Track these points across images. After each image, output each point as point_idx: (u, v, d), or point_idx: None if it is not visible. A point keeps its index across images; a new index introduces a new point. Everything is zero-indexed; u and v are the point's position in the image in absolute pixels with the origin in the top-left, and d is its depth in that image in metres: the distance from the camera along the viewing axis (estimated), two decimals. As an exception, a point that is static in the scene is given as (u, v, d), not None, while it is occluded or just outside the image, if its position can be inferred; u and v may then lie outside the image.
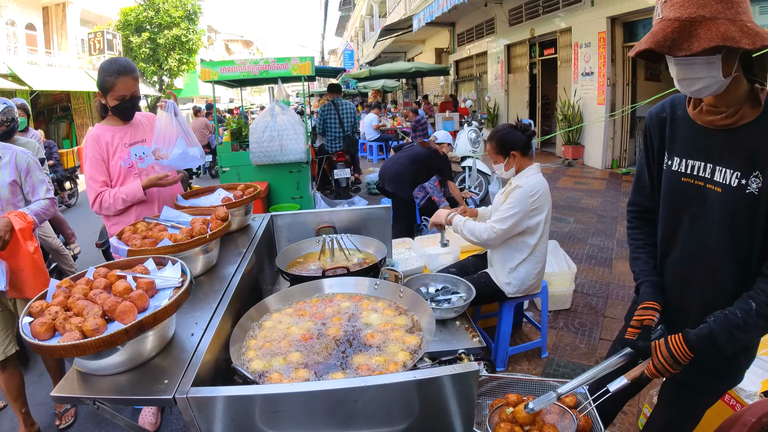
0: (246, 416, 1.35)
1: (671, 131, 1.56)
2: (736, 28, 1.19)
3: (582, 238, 5.95)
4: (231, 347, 1.59)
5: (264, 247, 2.44)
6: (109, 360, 1.36)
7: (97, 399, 1.33)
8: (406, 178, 5.06)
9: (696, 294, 1.56)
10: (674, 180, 1.54)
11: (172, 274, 1.68)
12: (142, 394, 1.34)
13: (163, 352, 1.50)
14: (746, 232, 1.40)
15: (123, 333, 1.30)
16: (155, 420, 2.84)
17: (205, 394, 1.31)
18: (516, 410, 1.65)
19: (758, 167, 1.33)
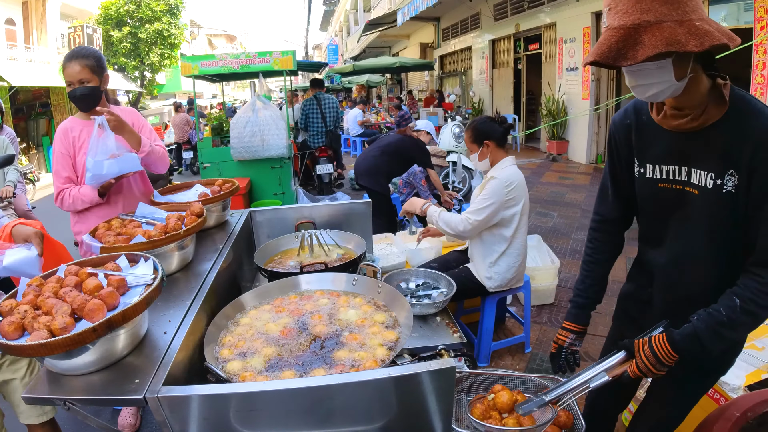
0: (220, 416, 1.31)
1: (638, 138, 1.51)
2: (684, 29, 1.14)
3: (566, 232, 5.96)
4: (205, 345, 1.55)
5: (242, 243, 2.40)
6: (79, 359, 1.32)
7: (68, 399, 1.28)
8: (380, 171, 4.99)
9: (684, 295, 1.53)
10: (651, 187, 1.50)
11: (144, 271, 1.63)
12: (114, 394, 1.29)
13: (136, 351, 1.46)
14: (729, 230, 1.37)
15: (91, 331, 1.25)
16: (134, 421, 2.79)
17: (177, 393, 1.27)
18: (497, 396, 1.63)
19: (732, 165, 1.30)
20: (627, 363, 1.43)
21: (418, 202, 2.91)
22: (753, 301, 1.28)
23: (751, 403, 1.49)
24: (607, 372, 1.44)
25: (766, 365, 2.01)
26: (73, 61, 2.36)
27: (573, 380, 1.52)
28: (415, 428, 1.39)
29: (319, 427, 1.31)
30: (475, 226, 2.73)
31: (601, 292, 1.78)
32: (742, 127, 1.28)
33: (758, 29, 6.24)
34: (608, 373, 1.44)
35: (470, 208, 2.76)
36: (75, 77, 2.37)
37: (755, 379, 1.96)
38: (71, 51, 2.42)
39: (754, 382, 1.94)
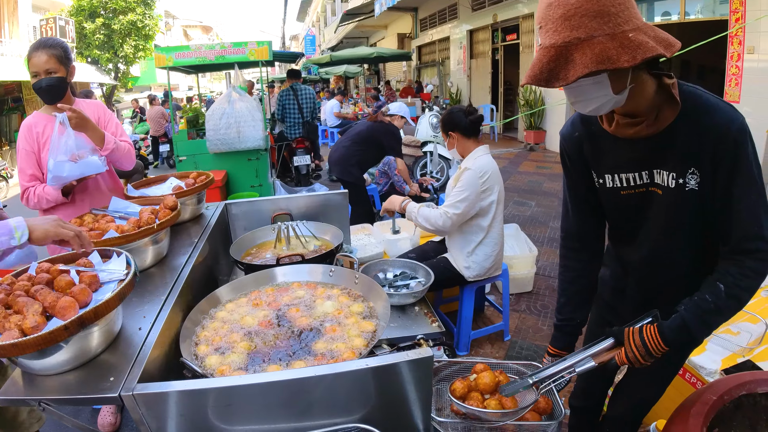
0: (197, 411, 1.30)
1: (592, 150, 1.47)
2: (615, 44, 1.09)
3: (544, 221, 6.03)
4: (181, 341, 1.53)
5: (218, 236, 2.37)
6: (53, 359, 1.29)
7: (43, 400, 1.25)
8: (351, 161, 4.96)
9: (657, 287, 1.55)
10: (614, 195, 1.47)
11: (117, 266, 1.61)
12: (89, 393, 1.27)
13: (110, 348, 1.43)
14: (695, 225, 1.38)
15: (63, 330, 1.23)
16: (114, 420, 2.74)
17: (153, 390, 1.25)
18: (479, 376, 1.64)
19: (693, 164, 1.29)
20: (615, 350, 1.43)
21: (397, 199, 2.87)
22: (736, 285, 1.29)
23: (728, 386, 1.51)
24: (594, 357, 1.44)
25: (741, 349, 2.06)
26: (40, 50, 2.28)
27: (558, 364, 1.51)
28: (395, 418, 1.40)
29: (298, 419, 1.31)
30: (454, 221, 2.73)
31: (579, 311, 1.71)
32: (698, 124, 1.26)
33: (733, 21, 6.34)
34: (594, 358, 1.44)
35: (447, 201, 2.77)
36: (41, 67, 2.29)
37: (731, 363, 2.01)
38: (37, 41, 2.34)
39: (730, 366, 1.99)
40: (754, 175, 1.25)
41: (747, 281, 1.29)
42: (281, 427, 1.30)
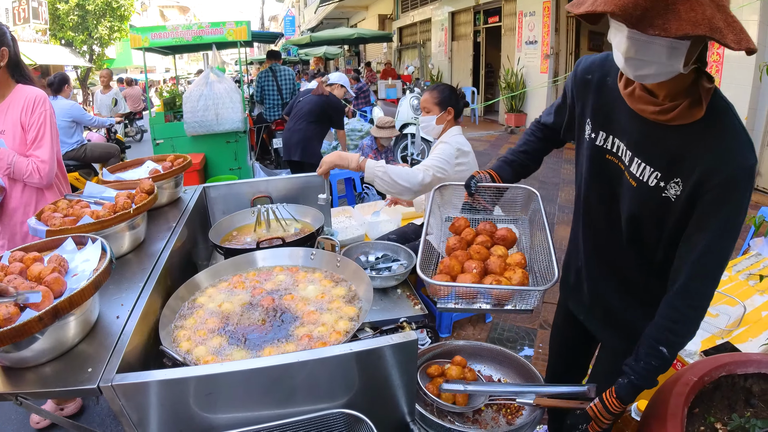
0: (179, 401, 1.27)
1: (597, 100, 1.37)
2: (723, 17, 0.95)
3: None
4: (160, 329, 1.50)
5: (197, 220, 2.33)
6: (29, 351, 1.25)
7: (20, 394, 1.21)
8: (312, 141, 4.92)
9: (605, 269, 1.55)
10: (598, 154, 1.39)
11: (92, 253, 1.56)
12: (66, 385, 1.24)
13: (88, 338, 1.40)
14: (654, 232, 1.32)
15: (37, 321, 1.18)
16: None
17: (132, 380, 1.23)
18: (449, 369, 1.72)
19: (681, 175, 1.18)
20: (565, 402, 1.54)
21: (349, 156, 2.26)
22: (674, 343, 1.27)
23: (708, 368, 1.54)
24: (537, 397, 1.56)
25: (720, 331, 2.10)
26: None
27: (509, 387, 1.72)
28: (380, 403, 1.40)
29: (282, 406, 1.29)
30: (437, 175, 2.37)
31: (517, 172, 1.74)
32: (710, 142, 1.13)
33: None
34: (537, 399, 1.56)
35: (425, 162, 2.53)
36: None
37: (710, 344, 2.04)
38: None
39: (709, 347, 2.02)
40: (730, 230, 1.16)
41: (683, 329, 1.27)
42: (264, 414, 1.29)
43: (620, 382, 1.34)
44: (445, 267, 1.51)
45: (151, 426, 1.32)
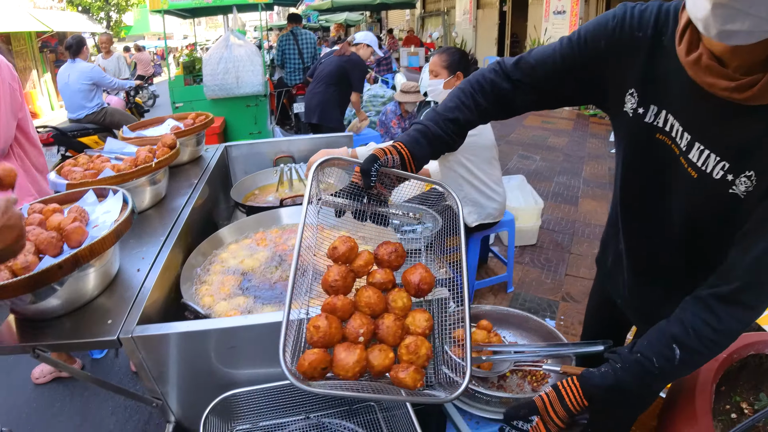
0: (199, 354, 1.24)
1: (648, 65, 1.06)
2: None
3: (548, 176, 5.93)
4: (182, 283, 1.47)
5: (218, 179, 2.28)
6: (47, 303, 1.22)
7: (38, 346, 1.18)
8: (331, 104, 4.85)
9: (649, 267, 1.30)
10: (645, 134, 1.09)
11: (113, 205, 1.52)
12: (86, 337, 1.21)
13: (107, 291, 1.37)
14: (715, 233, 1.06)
15: (57, 268, 1.15)
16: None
17: (153, 332, 1.20)
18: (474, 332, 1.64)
19: (756, 167, 0.93)
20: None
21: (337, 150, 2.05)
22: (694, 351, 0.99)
23: (736, 346, 1.48)
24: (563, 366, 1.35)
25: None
26: None
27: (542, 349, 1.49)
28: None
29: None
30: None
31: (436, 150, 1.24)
32: None
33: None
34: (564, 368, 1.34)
35: None
36: None
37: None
38: None
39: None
40: None
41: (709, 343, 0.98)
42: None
43: (594, 372, 1.06)
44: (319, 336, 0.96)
45: (171, 380, 1.30)
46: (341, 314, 0.99)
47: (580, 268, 3.83)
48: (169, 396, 1.33)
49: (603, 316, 1.74)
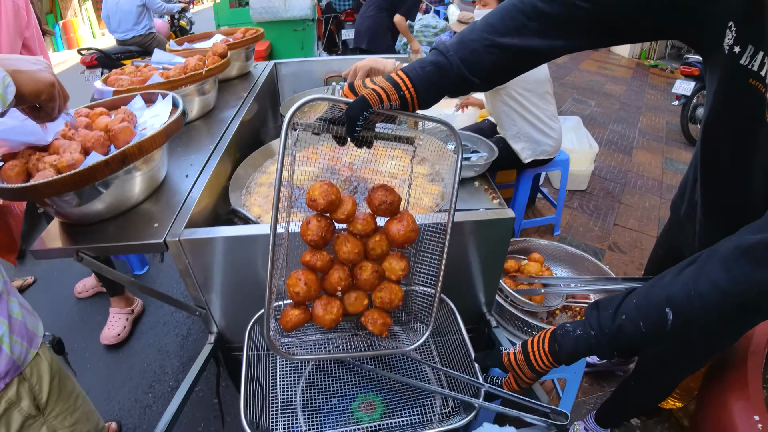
0: (246, 262, 1.21)
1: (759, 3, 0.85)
2: None
3: (603, 122, 5.65)
4: (230, 192, 1.42)
5: (267, 97, 2.21)
6: (92, 206, 1.19)
7: (81, 249, 1.16)
8: (380, 29, 4.69)
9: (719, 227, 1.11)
10: (738, 76, 0.92)
11: (162, 109, 1.47)
12: (130, 240, 1.18)
13: (154, 197, 1.34)
14: None
15: (103, 165, 1.10)
16: (119, 332, 2.60)
17: (200, 235, 1.16)
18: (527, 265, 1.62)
19: None
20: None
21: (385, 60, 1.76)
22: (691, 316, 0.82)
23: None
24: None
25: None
26: None
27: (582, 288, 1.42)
28: (461, 287, 1.31)
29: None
30: None
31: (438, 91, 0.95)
32: None
33: None
34: None
35: None
36: None
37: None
38: None
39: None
40: None
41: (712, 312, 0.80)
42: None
43: (566, 330, 0.95)
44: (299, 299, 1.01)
45: (216, 288, 1.27)
46: (321, 268, 1.01)
47: (630, 219, 3.67)
48: (213, 305, 1.32)
49: (667, 266, 1.63)
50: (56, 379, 1.20)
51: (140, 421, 2.16)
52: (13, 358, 1.07)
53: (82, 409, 1.30)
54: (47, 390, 1.16)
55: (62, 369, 1.24)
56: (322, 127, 0.94)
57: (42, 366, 1.16)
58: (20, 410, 1.11)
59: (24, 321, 1.13)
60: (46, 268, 3.06)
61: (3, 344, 1.05)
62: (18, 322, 1.11)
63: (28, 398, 1.12)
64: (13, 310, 1.12)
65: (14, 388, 1.08)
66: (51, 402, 1.18)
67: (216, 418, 2.14)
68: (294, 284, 1.00)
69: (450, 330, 1.19)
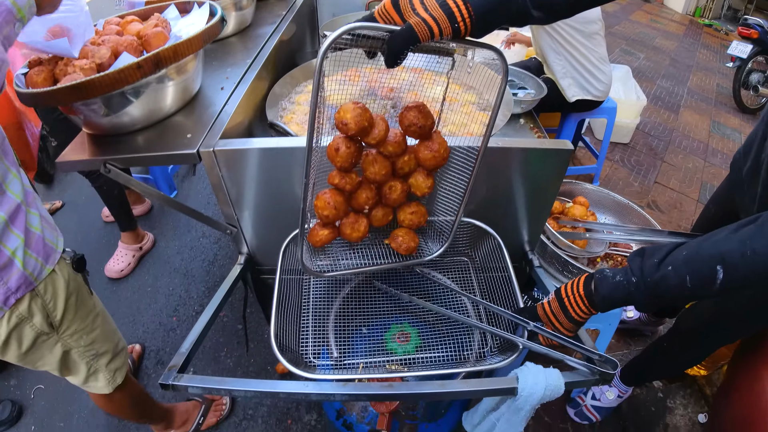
0: (284, 177, 1.14)
1: None
2: None
3: (651, 76, 5.36)
4: (267, 108, 1.35)
5: (305, 18, 2.10)
6: (121, 116, 1.12)
7: (109, 160, 1.10)
8: None
9: None
10: None
11: (198, 17, 1.38)
12: (161, 150, 1.12)
13: (186, 109, 1.27)
14: None
15: (135, 68, 1.02)
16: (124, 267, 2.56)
17: (235, 146, 1.10)
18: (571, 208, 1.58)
19: None
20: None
21: None
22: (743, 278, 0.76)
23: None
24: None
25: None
26: None
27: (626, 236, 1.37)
28: (506, 222, 1.23)
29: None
30: None
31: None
32: None
33: None
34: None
35: None
36: None
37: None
38: None
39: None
40: None
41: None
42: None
43: (605, 275, 0.90)
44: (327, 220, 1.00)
45: (249, 204, 1.22)
46: (349, 190, 0.99)
47: (671, 179, 3.52)
48: (245, 222, 1.27)
49: (719, 225, 1.54)
50: (73, 297, 1.18)
51: (164, 344, 2.19)
52: (26, 273, 1.04)
53: (101, 329, 1.29)
54: (62, 308, 1.15)
55: (82, 288, 1.22)
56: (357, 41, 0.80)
57: (58, 283, 1.13)
58: (32, 326, 1.10)
59: (42, 235, 1.10)
60: (74, 193, 3.06)
61: (16, 258, 1.02)
62: (35, 236, 1.08)
63: (41, 315, 1.10)
64: (32, 223, 1.08)
65: (26, 304, 1.07)
66: (66, 320, 1.17)
67: (240, 345, 2.15)
68: (323, 207, 0.97)
69: (495, 266, 1.12)
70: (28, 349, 1.13)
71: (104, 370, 1.33)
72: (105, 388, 1.36)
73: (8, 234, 1.01)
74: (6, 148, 1.05)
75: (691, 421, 1.93)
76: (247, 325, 1.89)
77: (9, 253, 1.01)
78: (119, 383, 1.39)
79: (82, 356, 1.25)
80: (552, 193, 1.17)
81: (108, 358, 1.33)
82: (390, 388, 0.89)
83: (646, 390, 2.04)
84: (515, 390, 0.89)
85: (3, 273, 1.01)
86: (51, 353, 1.19)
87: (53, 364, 1.22)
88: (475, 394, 0.92)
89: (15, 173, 1.06)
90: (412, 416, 1.29)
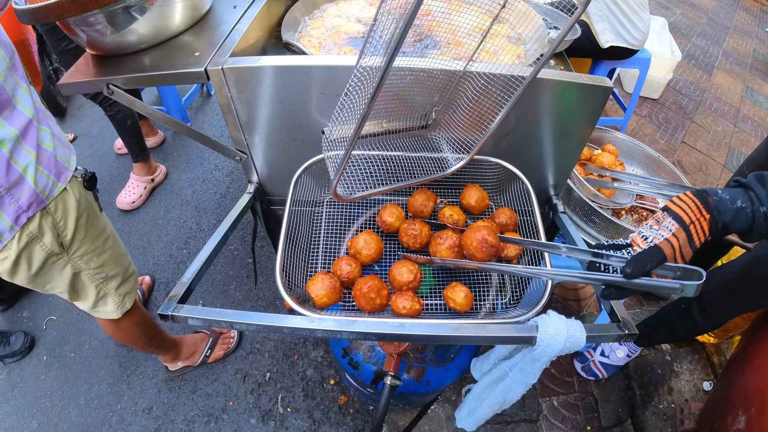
0: (298, 99, 1.07)
1: None
2: None
3: (686, 33, 5.10)
4: (283, 31, 1.26)
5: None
6: (127, 34, 1.05)
7: (112, 81, 1.04)
8: None
9: None
10: None
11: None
12: (167, 69, 1.05)
13: (195, 28, 1.19)
14: None
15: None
16: (135, 198, 2.51)
17: (246, 64, 1.02)
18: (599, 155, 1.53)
19: None
20: None
21: None
22: None
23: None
24: None
25: None
26: None
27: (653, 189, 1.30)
28: (533, 164, 1.16)
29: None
30: None
31: None
32: None
33: None
34: None
35: None
36: None
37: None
38: None
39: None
40: None
41: None
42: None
43: (722, 198, 0.77)
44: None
45: (260, 128, 1.15)
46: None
47: (699, 140, 3.38)
48: (255, 149, 1.20)
49: None
50: (84, 217, 1.13)
51: (173, 275, 2.17)
52: (37, 190, 1.00)
53: (111, 251, 1.26)
54: (73, 227, 1.11)
55: (92, 207, 1.18)
56: None
57: (69, 202, 1.09)
58: (42, 246, 1.06)
59: (54, 152, 1.04)
60: (87, 125, 3.01)
61: (27, 175, 0.97)
62: (47, 153, 1.03)
63: (51, 234, 1.06)
64: (44, 140, 1.03)
65: (36, 222, 1.02)
66: (76, 241, 1.13)
67: (249, 278, 2.14)
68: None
69: (521, 210, 1.06)
70: (38, 271, 1.10)
71: (113, 294, 1.31)
72: (114, 313, 1.35)
73: (19, 150, 0.97)
74: (16, 63, 1.00)
75: (696, 388, 1.90)
76: (256, 258, 1.86)
77: (20, 170, 0.97)
78: (128, 308, 1.37)
79: (91, 279, 1.23)
80: (584, 135, 1.09)
81: (118, 281, 1.30)
82: (401, 328, 0.84)
83: (654, 352, 2.01)
84: (534, 339, 0.84)
85: (14, 190, 0.96)
86: (61, 275, 1.16)
87: (63, 287, 1.19)
88: (492, 341, 0.87)
89: (25, 88, 1.00)
90: (420, 359, 1.26)
